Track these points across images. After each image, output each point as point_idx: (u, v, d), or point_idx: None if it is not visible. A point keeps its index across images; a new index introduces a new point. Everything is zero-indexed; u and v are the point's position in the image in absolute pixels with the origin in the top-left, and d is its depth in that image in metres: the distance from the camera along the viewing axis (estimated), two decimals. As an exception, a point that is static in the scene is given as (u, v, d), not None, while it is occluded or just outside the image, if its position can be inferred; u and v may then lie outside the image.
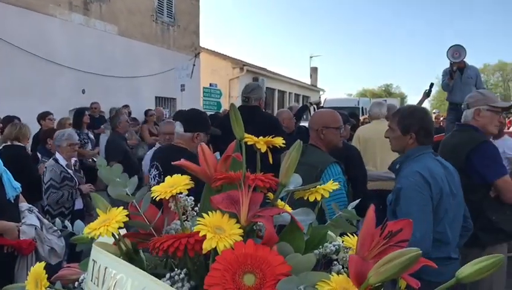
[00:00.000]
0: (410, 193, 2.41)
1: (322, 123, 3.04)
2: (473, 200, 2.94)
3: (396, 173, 2.66)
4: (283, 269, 0.69)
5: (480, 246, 2.98)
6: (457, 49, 6.61)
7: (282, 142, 0.91)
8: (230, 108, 0.88)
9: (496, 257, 0.69)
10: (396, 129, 2.62)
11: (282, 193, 0.86)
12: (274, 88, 22.79)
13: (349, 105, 20.10)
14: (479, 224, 2.94)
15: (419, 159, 2.53)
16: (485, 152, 2.99)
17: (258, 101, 4.37)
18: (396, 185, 2.52)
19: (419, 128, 2.56)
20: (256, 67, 21.20)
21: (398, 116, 2.64)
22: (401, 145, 2.64)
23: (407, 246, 0.70)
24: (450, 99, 6.98)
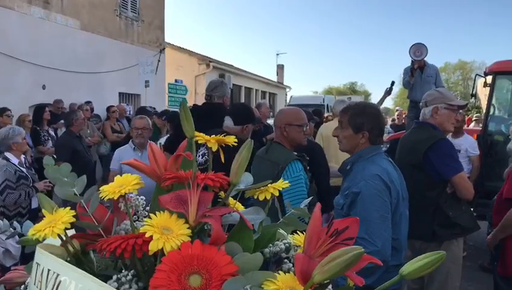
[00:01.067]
0: (371, 198, 2.24)
1: (286, 121, 3.06)
2: (430, 196, 3.03)
3: (347, 173, 2.47)
4: (230, 269, 0.68)
5: (437, 241, 3.06)
6: (419, 47, 6.77)
7: (234, 141, 0.90)
8: (180, 106, 0.87)
9: (438, 254, 0.70)
10: (347, 127, 2.44)
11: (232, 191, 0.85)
12: (241, 85, 22.75)
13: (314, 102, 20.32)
14: (437, 220, 3.03)
15: (373, 159, 2.39)
16: (442, 149, 3.05)
17: (222, 98, 4.34)
18: (353, 189, 2.30)
19: (372, 127, 2.42)
20: (222, 63, 21.08)
21: (349, 113, 2.45)
22: (351, 144, 2.46)
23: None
24: (410, 97, 7.15)
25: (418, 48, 6.77)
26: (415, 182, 3.03)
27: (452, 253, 3.12)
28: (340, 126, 2.49)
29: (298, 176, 2.82)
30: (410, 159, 3.09)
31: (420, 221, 3.02)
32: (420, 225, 3.03)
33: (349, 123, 2.43)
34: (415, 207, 3.04)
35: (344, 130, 2.46)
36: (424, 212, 3.05)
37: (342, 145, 2.53)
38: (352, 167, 2.42)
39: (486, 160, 5.91)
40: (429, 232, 3.04)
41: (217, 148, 0.88)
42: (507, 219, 3.00)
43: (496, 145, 5.66)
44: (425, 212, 3.05)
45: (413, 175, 3.04)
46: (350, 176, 2.41)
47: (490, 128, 6.27)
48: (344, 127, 2.46)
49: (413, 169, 3.06)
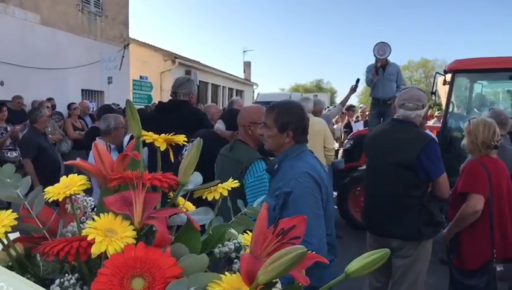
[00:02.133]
0: (303, 197, 2.21)
1: (250, 119, 3.04)
2: (416, 195, 3.08)
3: (275, 173, 2.42)
4: (174, 272, 0.67)
5: (420, 240, 3.12)
6: (383, 46, 6.89)
7: (183, 140, 0.89)
8: (126, 104, 0.85)
9: (382, 252, 0.71)
10: (272, 127, 2.40)
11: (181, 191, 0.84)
12: (207, 82, 22.63)
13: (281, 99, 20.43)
14: (422, 219, 3.07)
15: (300, 157, 2.37)
16: (433, 150, 3.10)
17: (188, 96, 4.29)
18: (284, 189, 2.25)
19: (297, 126, 2.39)
20: (189, 60, 20.90)
21: (275, 112, 2.40)
22: (276, 143, 2.42)
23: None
24: (373, 95, 7.27)
25: (381, 46, 6.89)
26: (401, 181, 3.09)
27: (427, 251, 3.20)
28: (265, 125, 2.45)
29: (261, 175, 2.82)
30: (399, 158, 3.11)
31: (405, 220, 3.10)
32: (404, 224, 3.10)
33: (275, 122, 2.39)
34: (399, 207, 3.11)
35: (269, 129, 2.42)
36: (410, 211, 3.09)
37: (267, 145, 2.49)
38: (280, 166, 2.39)
39: (446, 156, 6.07)
40: (415, 231, 3.09)
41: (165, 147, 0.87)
42: (461, 213, 3.09)
43: (455, 142, 5.82)
44: (411, 212, 3.09)
45: (400, 174, 3.09)
46: (278, 175, 2.38)
47: (449, 125, 6.45)
48: (269, 126, 2.42)
49: (401, 168, 3.10)
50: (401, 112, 3.22)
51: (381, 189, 3.24)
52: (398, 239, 3.15)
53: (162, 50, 19.55)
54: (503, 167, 3.27)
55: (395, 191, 3.11)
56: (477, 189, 3.07)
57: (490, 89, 7.82)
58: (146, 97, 14.46)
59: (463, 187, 3.16)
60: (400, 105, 3.23)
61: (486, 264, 3.05)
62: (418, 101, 3.18)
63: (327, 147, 5.72)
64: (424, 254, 3.18)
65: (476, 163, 3.19)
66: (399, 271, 3.20)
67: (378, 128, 3.53)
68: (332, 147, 5.91)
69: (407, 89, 3.40)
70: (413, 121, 3.19)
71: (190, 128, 3.80)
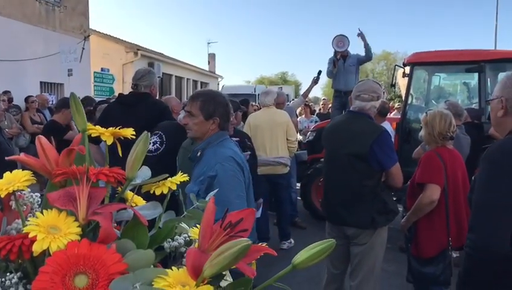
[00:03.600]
0: (227, 179, 2.33)
1: None
2: (369, 185, 3.16)
3: (198, 160, 2.53)
4: (118, 268, 0.66)
5: (374, 228, 3.21)
6: (341, 39, 6.99)
7: (131, 133, 0.87)
8: (70, 97, 0.82)
9: (328, 242, 0.72)
10: (198, 115, 2.51)
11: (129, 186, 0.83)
12: (171, 74, 22.37)
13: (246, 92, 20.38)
14: (375, 207, 3.16)
15: (223, 144, 2.51)
16: (385, 141, 3.19)
17: (149, 88, 4.22)
18: (208, 173, 2.36)
19: (223, 113, 2.54)
20: (152, 52, 20.59)
21: (200, 100, 2.52)
22: (202, 131, 2.54)
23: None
24: (334, 87, 7.38)
25: (340, 39, 6.99)
26: (355, 170, 3.17)
27: (382, 239, 3.30)
28: (190, 114, 2.53)
29: None
30: (353, 149, 3.18)
31: (359, 209, 3.18)
32: (358, 212, 3.18)
33: (201, 110, 2.50)
34: (353, 196, 3.19)
35: (194, 117, 2.51)
36: (363, 200, 3.18)
37: (192, 133, 2.58)
38: (202, 153, 2.50)
39: (405, 146, 6.24)
40: (368, 219, 3.17)
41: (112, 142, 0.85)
42: (418, 203, 3.18)
43: (414, 133, 5.96)
44: (365, 201, 3.18)
45: (354, 164, 3.17)
46: (201, 162, 2.48)
47: (408, 116, 6.61)
48: (195, 115, 2.51)
49: (355, 159, 3.17)
50: (356, 103, 3.29)
51: (337, 179, 3.31)
52: (353, 227, 3.23)
53: (124, 42, 19.18)
54: (459, 157, 3.37)
55: (350, 181, 3.19)
56: (433, 179, 3.16)
57: (448, 81, 8.06)
58: (108, 90, 14.20)
59: (420, 177, 3.24)
60: (356, 96, 3.30)
61: (443, 252, 3.15)
62: (373, 93, 3.25)
63: (290, 139, 5.77)
64: (380, 241, 3.28)
65: (432, 154, 3.28)
66: (356, 258, 3.29)
67: (335, 120, 3.60)
68: (295, 139, 5.97)
69: (363, 81, 3.49)
70: (368, 113, 3.27)
71: (152, 121, 3.76)
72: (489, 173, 1.85)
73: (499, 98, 1.96)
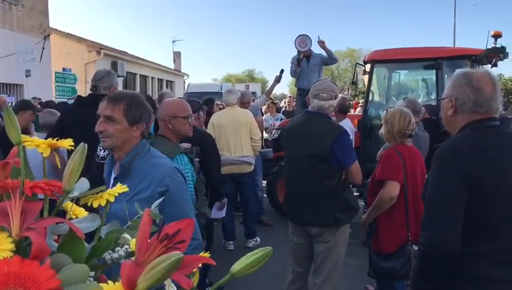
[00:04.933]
0: (181, 193, 2.15)
1: (170, 113, 3.00)
2: (331, 184, 3.21)
3: (126, 175, 2.11)
4: (51, 285, 0.64)
5: (337, 226, 3.26)
6: (304, 39, 7.06)
7: (70, 144, 0.85)
8: (4, 111, 0.80)
9: (265, 250, 0.72)
10: (121, 120, 2.10)
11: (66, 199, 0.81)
12: (135, 73, 22.07)
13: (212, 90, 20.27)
14: (337, 206, 3.21)
15: (153, 154, 2.23)
16: (344, 141, 3.25)
17: (109, 89, 4.14)
18: (157, 189, 2.05)
19: (148, 119, 2.24)
20: (115, 50, 20.25)
21: (124, 104, 2.11)
22: (123, 139, 2.12)
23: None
24: (298, 85, 7.45)
25: (302, 39, 7.06)
26: (316, 171, 3.21)
27: (344, 235, 3.37)
28: (109, 119, 2.10)
29: (184, 170, 2.80)
30: (313, 150, 3.22)
31: (321, 208, 3.23)
32: (321, 212, 3.22)
33: (125, 115, 2.11)
34: (315, 196, 3.23)
35: (116, 123, 2.10)
36: (325, 199, 3.22)
37: (110, 142, 2.12)
38: (130, 167, 2.13)
39: (366, 143, 6.37)
40: (331, 218, 3.23)
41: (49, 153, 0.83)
42: (379, 199, 3.25)
43: (375, 129, 6.08)
44: (326, 200, 3.22)
45: (315, 165, 3.20)
46: (132, 177, 2.10)
47: (369, 113, 6.74)
48: (117, 120, 2.10)
49: (315, 159, 3.21)
50: (315, 102, 3.33)
51: (298, 179, 3.35)
52: (316, 227, 3.27)
53: (86, 40, 18.80)
54: (418, 154, 3.46)
55: (311, 181, 3.23)
56: (393, 176, 3.23)
57: (407, 78, 8.25)
58: (70, 90, 13.89)
59: (380, 174, 3.31)
60: (314, 96, 3.34)
61: (402, 247, 3.22)
62: (331, 92, 3.32)
63: (253, 137, 5.79)
64: (342, 238, 3.35)
65: (392, 151, 3.35)
66: (320, 256, 3.34)
67: (294, 121, 3.64)
68: (259, 138, 6.01)
69: (321, 80, 3.55)
70: (326, 113, 3.33)
71: None
72: (440, 171, 1.91)
73: (449, 97, 2.02)
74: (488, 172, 1.82)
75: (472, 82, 1.96)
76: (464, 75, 2.00)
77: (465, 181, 1.80)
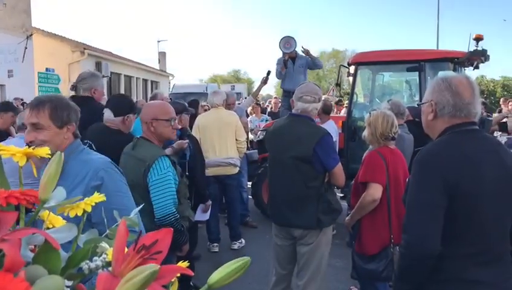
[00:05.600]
0: (118, 186, 2.07)
1: (152, 116, 2.98)
2: (314, 186, 3.23)
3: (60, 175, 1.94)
4: (24, 297, 0.64)
5: (320, 228, 3.28)
6: (288, 40, 7.08)
7: (47, 153, 0.84)
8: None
9: (243, 260, 0.72)
10: (49, 125, 2.00)
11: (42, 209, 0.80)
12: (120, 73, 21.87)
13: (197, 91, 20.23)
14: (320, 208, 3.23)
15: (88, 152, 2.18)
16: (327, 143, 3.27)
17: (89, 91, 4.11)
18: (91, 183, 1.97)
19: (77, 118, 2.14)
20: (99, 50, 20.07)
21: (48, 108, 2.01)
22: (57, 142, 2.02)
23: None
24: (283, 87, 7.47)
25: (287, 40, 7.08)
26: (299, 173, 3.22)
27: (327, 237, 3.38)
28: (35, 127, 2.00)
29: (166, 173, 2.79)
30: (296, 152, 3.24)
31: (304, 210, 3.24)
32: (304, 214, 3.24)
33: (52, 119, 2.01)
34: (299, 198, 3.24)
35: (44, 130, 1.99)
36: (308, 201, 3.24)
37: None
38: (64, 166, 1.96)
39: (351, 144, 6.41)
40: (314, 220, 3.24)
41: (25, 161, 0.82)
42: (362, 201, 3.27)
43: (359, 130, 6.11)
44: (310, 202, 3.24)
45: (299, 167, 3.22)
46: (65, 175, 1.90)
47: (354, 114, 6.77)
48: (44, 127, 1.99)
49: (299, 161, 3.22)
50: (299, 104, 3.35)
51: (282, 181, 3.36)
52: (299, 229, 3.29)
53: (69, 40, 18.61)
54: (401, 157, 3.49)
55: (295, 183, 3.24)
56: (375, 178, 3.26)
57: (391, 80, 8.32)
58: (53, 90, 13.70)
59: (363, 177, 3.33)
60: (298, 98, 3.36)
61: (385, 249, 3.25)
62: (315, 95, 3.35)
63: (239, 139, 5.79)
64: (326, 240, 3.37)
65: (375, 153, 3.37)
66: (303, 258, 3.36)
67: (277, 124, 3.64)
68: (244, 140, 6.00)
69: (305, 83, 3.57)
70: (309, 116, 3.35)
71: (88, 126, 3.68)
72: (420, 175, 1.93)
73: (429, 101, 2.04)
74: (467, 176, 1.84)
75: (451, 87, 1.98)
76: (443, 80, 2.03)
77: (444, 185, 1.82)
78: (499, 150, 1.98)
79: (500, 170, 1.89)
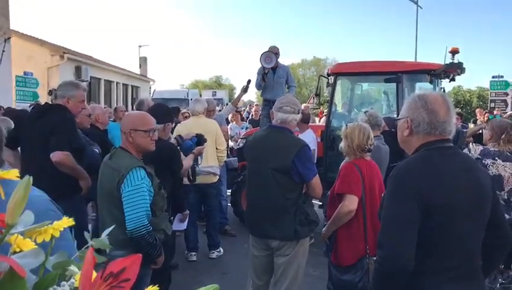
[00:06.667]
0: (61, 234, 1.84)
1: (131, 126, 2.97)
2: (292, 197, 3.25)
3: None
4: (-13, 328, 0.63)
5: (297, 239, 3.30)
6: (269, 55, 7.12)
7: (16, 175, 0.84)
8: None
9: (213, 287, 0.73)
10: None
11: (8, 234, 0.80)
12: (100, 77, 21.65)
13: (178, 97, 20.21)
14: (297, 219, 3.25)
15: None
16: (306, 155, 3.30)
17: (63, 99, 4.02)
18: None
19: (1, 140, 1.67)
20: (79, 54, 19.83)
21: None
22: None
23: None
24: (264, 96, 7.52)
25: (267, 55, 7.12)
26: (278, 184, 3.25)
27: (304, 248, 3.41)
28: None
29: (140, 184, 2.76)
30: (275, 163, 3.27)
31: (282, 221, 3.26)
32: (282, 225, 3.26)
33: None
34: (277, 209, 3.26)
35: None
36: (286, 212, 3.26)
37: None
38: None
39: (329, 153, 6.47)
40: (291, 231, 3.26)
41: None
42: (337, 213, 3.30)
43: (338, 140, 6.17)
44: (287, 213, 3.26)
45: (277, 178, 3.25)
46: None
47: (333, 124, 6.85)
48: None
49: (278, 172, 3.25)
50: (279, 115, 3.39)
51: (260, 192, 3.38)
52: (277, 240, 3.31)
53: (49, 44, 18.37)
54: (376, 169, 3.54)
55: (272, 195, 3.27)
56: (351, 190, 3.29)
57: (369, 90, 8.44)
58: (31, 94, 13.54)
59: (339, 188, 3.37)
60: (278, 109, 3.41)
61: (361, 260, 3.27)
62: (295, 106, 3.40)
63: (219, 148, 5.78)
64: (303, 251, 3.40)
65: (351, 165, 3.41)
66: (280, 269, 3.37)
67: (257, 135, 3.66)
68: (224, 148, 6.00)
69: (284, 95, 3.62)
70: (288, 127, 3.38)
71: (44, 135, 3.64)
72: (395, 190, 1.95)
73: (405, 118, 2.08)
74: (441, 192, 1.88)
75: (427, 105, 2.02)
76: (420, 98, 2.07)
77: (419, 201, 1.85)
78: (472, 167, 2.03)
79: (473, 186, 1.93)
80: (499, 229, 2.06)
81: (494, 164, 3.78)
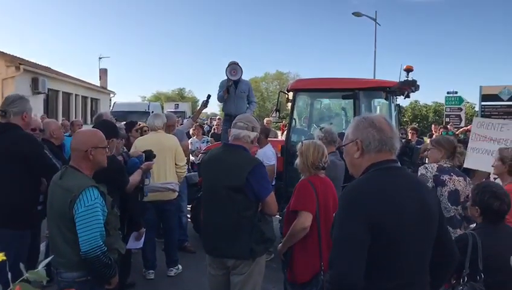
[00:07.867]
0: None
1: (91, 144, 2.92)
2: (247, 216, 3.25)
3: None
4: None
5: (253, 257, 3.31)
6: (234, 67, 7.17)
7: None
8: None
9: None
10: None
11: None
12: (58, 90, 21.14)
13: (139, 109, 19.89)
14: (253, 238, 3.25)
15: None
16: (260, 173, 3.32)
17: (20, 115, 3.94)
18: None
19: None
20: (36, 66, 19.32)
21: None
22: None
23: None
24: (225, 111, 7.54)
25: (233, 68, 7.18)
26: (233, 202, 3.24)
27: (260, 266, 3.41)
28: None
29: (93, 205, 2.70)
30: (229, 181, 3.27)
31: (237, 240, 3.25)
32: (237, 244, 3.25)
33: None
34: (232, 227, 3.25)
35: None
36: (242, 231, 3.26)
37: None
38: None
39: (289, 168, 6.53)
40: (247, 250, 3.26)
41: None
42: (292, 229, 3.34)
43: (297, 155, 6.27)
44: (243, 231, 3.26)
45: (232, 196, 3.25)
46: None
47: (292, 139, 6.93)
48: None
49: (232, 191, 3.25)
50: (233, 131, 3.45)
51: (215, 211, 3.38)
52: (232, 259, 3.31)
53: (4, 54, 17.80)
54: (331, 185, 3.59)
55: (228, 213, 3.27)
56: (306, 207, 3.34)
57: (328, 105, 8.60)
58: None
59: (294, 205, 3.41)
60: (233, 125, 3.47)
61: (316, 276, 3.31)
62: (248, 122, 3.45)
63: (178, 164, 5.73)
64: (258, 269, 3.40)
65: (305, 182, 3.46)
66: (236, 287, 3.37)
67: (212, 153, 3.67)
68: (184, 164, 5.94)
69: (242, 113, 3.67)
70: (243, 145, 3.41)
71: (15, 156, 3.59)
72: (345, 211, 1.98)
73: (354, 140, 2.12)
74: (389, 212, 1.92)
75: (374, 123, 2.09)
76: (365, 119, 2.14)
77: (368, 221, 1.88)
78: (419, 187, 2.10)
79: (420, 206, 1.99)
80: (445, 247, 2.14)
81: (451, 179, 3.93)
